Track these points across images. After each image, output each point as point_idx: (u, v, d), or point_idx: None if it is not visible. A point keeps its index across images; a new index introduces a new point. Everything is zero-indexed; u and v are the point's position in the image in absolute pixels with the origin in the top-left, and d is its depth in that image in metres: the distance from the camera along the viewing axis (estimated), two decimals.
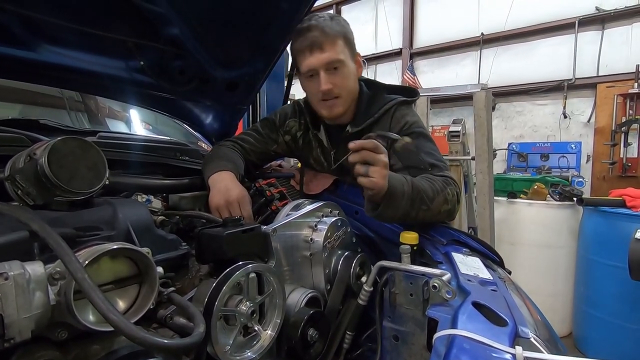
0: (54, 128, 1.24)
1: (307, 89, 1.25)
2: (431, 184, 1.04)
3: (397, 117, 1.23)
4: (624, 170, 3.71)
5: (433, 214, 1.03)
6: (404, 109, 1.25)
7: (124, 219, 0.75)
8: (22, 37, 1.09)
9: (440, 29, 5.17)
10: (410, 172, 1.12)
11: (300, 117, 1.41)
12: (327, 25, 1.15)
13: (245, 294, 0.74)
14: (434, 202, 1.01)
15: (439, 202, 1.03)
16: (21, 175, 0.71)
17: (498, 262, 1.04)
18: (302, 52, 1.17)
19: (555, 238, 2.96)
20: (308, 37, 1.15)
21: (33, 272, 0.52)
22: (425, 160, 1.13)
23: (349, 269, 1.00)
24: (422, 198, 0.99)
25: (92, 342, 0.61)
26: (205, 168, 1.24)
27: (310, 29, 1.15)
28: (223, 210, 1.09)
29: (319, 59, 1.15)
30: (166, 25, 1.21)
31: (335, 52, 1.16)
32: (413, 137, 1.17)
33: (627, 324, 2.39)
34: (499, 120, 4.63)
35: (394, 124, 1.22)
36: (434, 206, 1.02)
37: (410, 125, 1.21)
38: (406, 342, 0.85)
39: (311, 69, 1.17)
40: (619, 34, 3.85)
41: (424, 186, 1.01)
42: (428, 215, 1.02)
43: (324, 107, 1.24)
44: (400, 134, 1.18)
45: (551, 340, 0.68)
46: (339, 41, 1.17)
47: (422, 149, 1.16)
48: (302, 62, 1.19)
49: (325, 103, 1.22)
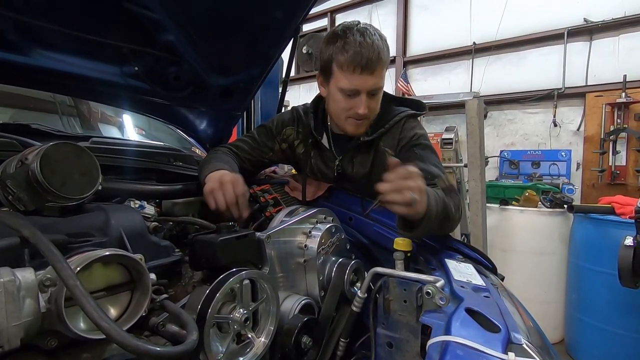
0: (46, 133, 1.23)
1: (338, 103, 1.20)
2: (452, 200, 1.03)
3: (406, 128, 1.26)
4: (612, 178, 3.76)
5: (440, 228, 1.03)
6: (412, 122, 1.28)
7: (116, 225, 0.74)
8: (16, 41, 1.08)
9: (433, 38, 5.24)
10: None
11: (298, 126, 1.40)
12: (382, 49, 1.12)
13: (238, 301, 0.74)
14: (456, 219, 1.04)
15: (458, 217, 1.06)
16: (12, 180, 0.71)
17: (491, 268, 1.05)
18: (351, 67, 1.11)
19: (547, 245, 2.98)
20: (364, 56, 1.09)
21: (23, 278, 0.51)
22: (432, 171, 1.15)
23: (343, 276, 1.00)
24: (448, 216, 1.00)
25: (83, 350, 0.60)
26: (201, 171, 1.22)
27: (368, 48, 1.09)
28: (217, 192, 1.05)
29: (367, 83, 1.13)
30: (161, 32, 1.21)
31: (381, 79, 1.16)
32: (421, 148, 1.22)
33: (618, 330, 2.41)
34: (490, 128, 4.68)
35: (403, 135, 1.25)
36: (454, 223, 1.05)
37: (419, 137, 1.25)
38: (400, 349, 0.85)
39: (355, 90, 1.14)
40: (606, 44, 3.94)
41: (449, 204, 0.99)
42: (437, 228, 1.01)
43: (351, 125, 1.23)
44: (410, 143, 1.23)
45: (543, 347, 0.69)
46: (386, 67, 1.16)
47: (430, 160, 1.19)
48: (345, 77, 1.14)
49: (354, 121, 1.22)
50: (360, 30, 1.13)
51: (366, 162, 1.29)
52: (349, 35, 1.12)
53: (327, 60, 1.18)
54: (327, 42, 1.19)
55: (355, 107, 1.17)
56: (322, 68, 1.23)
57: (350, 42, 1.11)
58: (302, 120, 1.39)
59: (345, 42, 1.12)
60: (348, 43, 1.11)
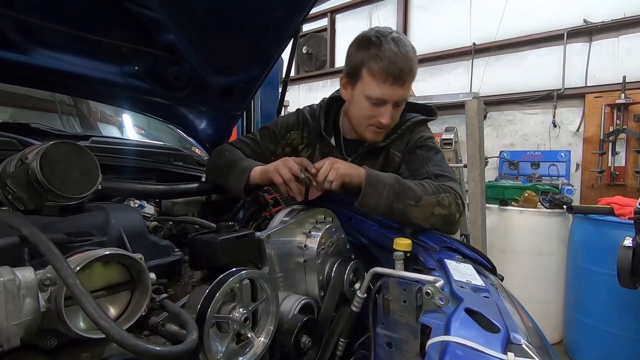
0: (45, 132, 1.23)
1: (362, 110, 1.18)
2: (422, 185, 1.06)
3: (414, 132, 1.27)
4: (612, 179, 3.77)
5: (424, 214, 1.03)
6: (421, 126, 1.30)
7: (116, 224, 0.74)
8: (16, 41, 1.08)
9: (432, 39, 5.24)
10: (413, 179, 1.15)
11: (303, 130, 1.37)
12: (414, 61, 1.12)
13: (238, 301, 0.74)
14: (422, 201, 1.02)
15: (430, 202, 1.03)
16: (12, 179, 0.70)
17: (490, 268, 1.05)
18: (383, 76, 1.09)
19: (546, 245, 2.99)
20: (397, 67, 1.08)
21: (23, 278, 0.51)
22: (430, 171, 1.16)
23: (343, 276, 1.00)
24: (407, 193, 1.01)
25: (82, 349, 0.60)
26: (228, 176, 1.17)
27: (402, 59, 1.08)
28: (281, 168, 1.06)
29: (395, 93, 1.12)
30: (162, 31, 1.21)
31: (408, 91, 1.15)
32: (424, 150, 1.23)
33: (617, 330, 2.41)
34: (490, 128, 4.69)
35: (410, 138, 1.27)
36: (423, 204, 1.02)
37: (425, 139, 1.26)
38: (399, 349, 0.85)
39: (382, 99, 1.13)
40: (606, 45, 3.95)
41: (412, 185, 1.04)
42: (418, 213, 1.02)
43: (371, 132, 1.22)
44: (414, 145, 1.25)
45: (543, 347, 0.69)
46: (414, 79, 1.16)
47: (431, 160, 1.20)
48: (376, 85, 1.12)
49: (375, 129, 1.21)
50: (394, 40, 1.10)
51: (375, 167, 1.29)
52: (384, 44, 1.09)
53: (357, 64, 1.15)
54: (358, 46, 1.16)
55: (379, 115, 1.15)
56: (350, 72, 1.19)
57: (385, 50, 1.09)
58: (309, 124, 1.37)
59: (380, 49, 1.09)
60: (383, 51, 1.09)
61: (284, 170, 1.05)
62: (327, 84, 6.29)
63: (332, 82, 6.21)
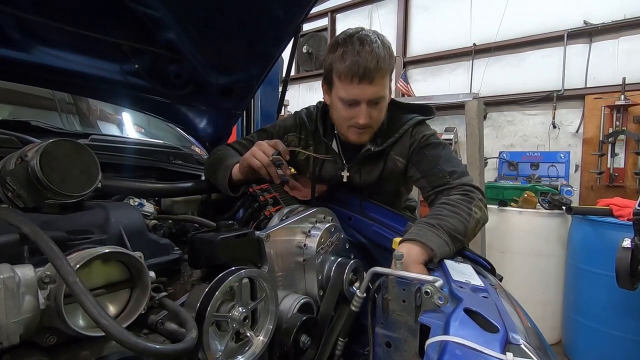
0: (45, 130, 1.23)
1: (339, 112, 1.18)
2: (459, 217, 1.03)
3: (415, 133, 1.25)
4: (611, 180, 3.77)
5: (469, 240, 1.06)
6: (421, 126, 1.28)
7: (116, 222, 0.74)
8: (17, 38, 1.08)
9: (433, 39, 5.25)
10: (428, 182, 1.17)
11: (300, 132, 1.37)
12: (382, 57, 1.08)
13: (237, 300, 0.74)
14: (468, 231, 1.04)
15: (472, 228, 1.04)
16: (12, 177, 0.70)
17: (489, 269, 1.05)
18: (348, 77, 1.09)
19: (545, 246, 2.99)
20: (360, 65, 1.06)
21: (23, 275, 0.51)
22: (443, 169, 1.16)
23: (342, 275, 1.00)
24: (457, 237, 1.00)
25: (82, 347, 0.60)
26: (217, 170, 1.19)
27: (365, 57, 1.06)
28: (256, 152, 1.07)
29: (365, 92, 1.10)
30: (162, 30, 1.21)
31: (381, 88, 1.12)
32: (431, 148, 1.22)
33: (615, 331, 2.41)
34: (490, 129, 4.69)
35: (413, 140, 1.25)
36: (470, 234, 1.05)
37: (428, 137, 1.24)
38: (398, 349, 0.85)
39: (354, 99, 1.12)
40: (606, 47, 3.95)
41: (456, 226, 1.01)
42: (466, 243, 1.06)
43: (353, 134, 1.21)
44: (419, 145, 1.23)
45: (541, 347, 0.69)
46: (388, 74, 1.13)
47: (440, 157, 1.19)
48: (344, 86, 1.11)
49: (356, 130, 1.20)
50: (360, 38, 1.09)
51: (375, 171, 1.29)
52: (348, 44, 1.09)
53: (328, 69, 1.16)
54: (328, 50, 1.16)
55: (356, 116, 1.14)
56: (325, 77, 1.20)
57: (349, 51, 1.08)
58: (306, 126, 1.36)
59: (344, 50, 1.09)
60: (346, 52, 1.08)
61: (260, 154, 1.06)
62: None
63: None
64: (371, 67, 1.06)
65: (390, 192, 1.35)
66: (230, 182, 1.16)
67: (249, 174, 1.12)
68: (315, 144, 1.35)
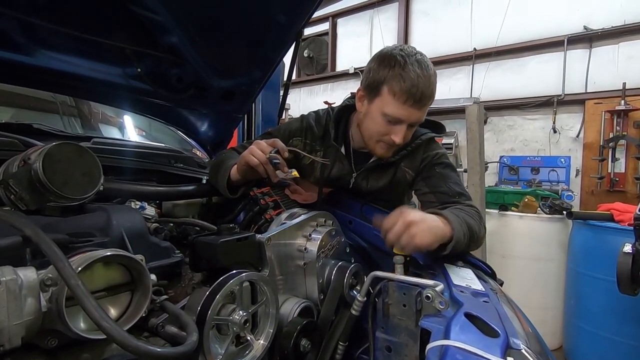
0: (47, 133, 1.23)
1: (377, 126, 1.17)
2: (475, 221, 1.08)
3: (428, 149, 1.28)
4: (611, 185, 3.77)
5: (480, 244, 1.10)
6: (433, 143, 1.31)
7: (117, 225, 0.74)
8: (20, 42, 1.09)
9: (433, 44, 5.27)
10: (437, 198, 1.19)
11: (306, 137, 1.37)
12: (435, 85, 1.12)
13: (238, 303, 0.74)
14: (477, 239, 1.07)
15: (479, 237, 1.08)
16: (14, 179, 0.71)
17: (490, 273, 1.05)
18: (403, 98, 1.09)
19: (546, 251, 2.98)
20: (419, 90, 1.07)
21: (25, 277, 0.51)
22: (453, 190, 1.19)
23: (343, 279, 1.00)
24: (472, 235, 1.04)
25: (82, 350, 0.60)
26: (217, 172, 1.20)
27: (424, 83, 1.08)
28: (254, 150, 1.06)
29: (413, 116, 1.12)
30: (165, 34, 1.22)
31: (424, 113, 1.15)
32: (442, 167, 1.25)
33: (616, 337, 2.40)
34: (490, 133, 4.70)
35: (425, 155, 1.28)
36: (481, 239, 1.09)
37: (440, 156, 1.28)
38: (399, 353, 0.85)
39: (399, 119, 1.12)
40: (606, 52, 3.97)
41: (472, 224, 1.05)
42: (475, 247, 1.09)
43: (382, 149, 1.21)
44: (431, 162, 1.26)
45: (542, 353, 0.69)
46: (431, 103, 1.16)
47: (450, 178, 1.22)
48: (394, 105, 1.11)
49: (385, 145, 1.20)
50: (419, 62, 1.10)
51: (382, 180, 1.31)
52: (408, 64, 1.09)
53: (378, 80, 1.14)
54: (381, 62, 1.14)
55: (393, 134, 1.14)
56: (370, 86, 1.17)
57: (409, 72, 1.08)
58: (312, 131, 1.35)
59: (404, 70, 1.08)
60: (407, 72, 1.08)
61: (257, 152, 1.05)
62: (328, 88, 6.31)
63: (332, 86, 6.23)
64: (427, 93, 1.09)
65: (394, 200, 1.37)
66: (229, 182, 1.16)
67: (247, 173, 1.11)
68: (324, 149, 1.35)
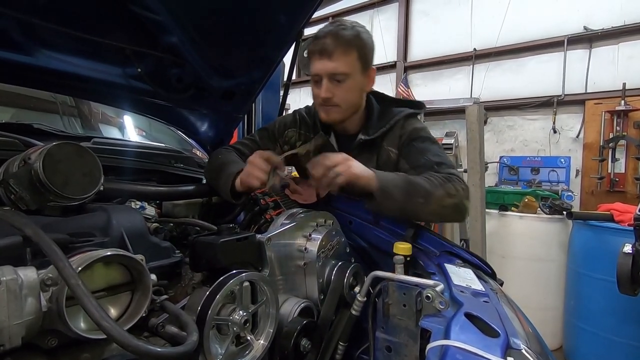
0: (48, 133, 1.23)
1: (312, 91, 1.26)
2: (428, 179, 1.07)
3: (406, 125, 1.28)
4: (611, 186, 3.78)
5: (434, 208, 1.05)
6: (412, 119, 1.31)
7: (117, 225, 0.75)
8: (20, 42, 1.09)
9: (433, 44, 5.27)
10: (417, 172, 1.16)
11: (300, 128, 1.40)
12: (342, 34, 1.15)
13: (238, 303, 0.74)
14: (432, 196, 1.04)
15: (439, 195, 1.04)
16: (15, 179, 0.71)
17: (490, 273, 1.05)
18: (313, 55, 1.19)
19: (546, 251, 2.98)
20: (320, 43, 1.15)
21: (26, 277, 0.51)
22: (431, 160, 1.17)
23: (343, 279, 1.00)
24: (418, 190, 1.03)
25: (82, 350, 0.60)
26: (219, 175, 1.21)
27: (325, 35, 1.15)
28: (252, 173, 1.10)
29: (325, 66, 1.16)
30: (165, 34, 1.22)
31: (342, 64, 1.16)
32: (420, 141, 1.24)
33: (616, 337, 2.40)
34: (490, 133, 4.70)
35: (403, 132, 1.27)
36: (433, 200, 1.04)
37: (418, 131, 1.27)
38: (399, 353, 0.85)
39: (316, 74, 1.20)
40: (606, 52, 3.97)
41: (419, 181, 1.06)
42: (429, 209, 1.05)
43: (322, 111, 1.26)
44: (409, 138, 1.26)
45: (542, 353, 0.69)
46: (352, 54, 1.16)
47: (429, 150, 1.21)
48: (311, 65, 1.20)
49: (324, 107, 1.25)
50: (332, 23, 1.19)
51: (370, 163, 1.30)
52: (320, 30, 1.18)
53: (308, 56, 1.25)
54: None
55: (320, 92, 1.20)
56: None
57: (317, 33, 1.18)
58: (305, 121, 1.39)
59: (314, 35, 1.19)
60: (315, 34, 1.18)
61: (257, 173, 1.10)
62: None
63: None
64: (329, 41, 1.14)
65: None
66: (232, 190, 1.17)
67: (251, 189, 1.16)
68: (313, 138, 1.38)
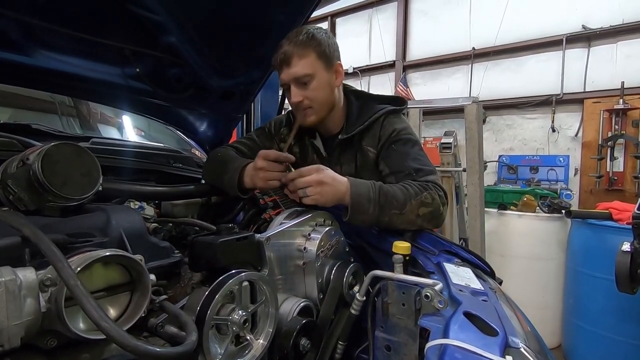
0: (46, 133, 1.23)
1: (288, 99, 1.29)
2: (404, 189, 1.07)
3: (385, 125, 1.26)
4: (610, 184, 3.79)
5: (409, 218, 1.06)
6: (392, 117, 1.28)
7: (116, 225, 0.74)
8: (19, 42, 1.09)
9: (432, 43, 5.28)
10: (396, 177, 1.17)
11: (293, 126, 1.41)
12: (296, 40, 1.16)
13: (237, 303, 0.74)
14: (406, 207, 1.04)
15: (414, 205, 1.05)
16: (13, 180, 0.71)
17: (489, 272, 1.05)
18: (277, 68, 1.21)
19: (545, 250, 2.99)
20: (279, 54, 1.18)
21: (24, 278, 0.51)
22: (410, 166, 1.17)
23: (342, 279, 1.00)
24: (392, 203, 1.04)
25: (82, 350, 0.60)
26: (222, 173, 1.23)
27: (282, 46, 1.17)
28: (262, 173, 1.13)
29: (288, 74, 1.18)
30: (164, 34, 1.22)
31: (303, 67, 1.17)
32: (401, 144, 1.22)
33: (615, 336, 2.41)
34: (489, 132, 4.71)
35: (383, 132, 1.25)
36: (407, 210, 1.05)
37: (399, 132, 1.24)
38: (398, 352, 0.85)
39: (284, 83, 1.22)
40: (604, 51, 3.98)
41: (394, 191, 1.05)
42: (403, 219, 1.06)
43: (299, 115, 1.27)
44: (389, 140, 1.24)
45: (541, 352, 0.69)
46: (310, 55, 1.17)
47: (409, 154, 1.20)
48: (279, 77, 1.23)
49: (299, 112, 1.26)
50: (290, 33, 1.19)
51: (352, 162, 1.31)
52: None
53: None
54: None
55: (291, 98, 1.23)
56: None
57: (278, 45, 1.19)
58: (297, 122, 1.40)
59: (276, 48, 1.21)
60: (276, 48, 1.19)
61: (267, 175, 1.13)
62: None
63: None
64: (286, 49, 1.16)
65: None
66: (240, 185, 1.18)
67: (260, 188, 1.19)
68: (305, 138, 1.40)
